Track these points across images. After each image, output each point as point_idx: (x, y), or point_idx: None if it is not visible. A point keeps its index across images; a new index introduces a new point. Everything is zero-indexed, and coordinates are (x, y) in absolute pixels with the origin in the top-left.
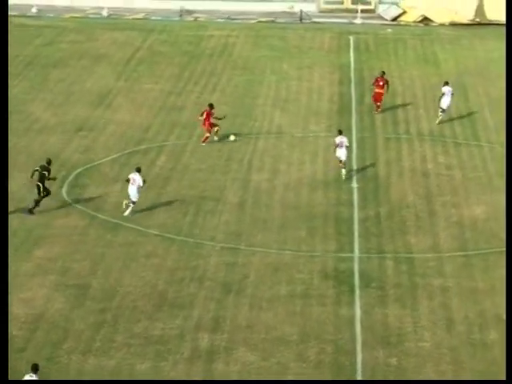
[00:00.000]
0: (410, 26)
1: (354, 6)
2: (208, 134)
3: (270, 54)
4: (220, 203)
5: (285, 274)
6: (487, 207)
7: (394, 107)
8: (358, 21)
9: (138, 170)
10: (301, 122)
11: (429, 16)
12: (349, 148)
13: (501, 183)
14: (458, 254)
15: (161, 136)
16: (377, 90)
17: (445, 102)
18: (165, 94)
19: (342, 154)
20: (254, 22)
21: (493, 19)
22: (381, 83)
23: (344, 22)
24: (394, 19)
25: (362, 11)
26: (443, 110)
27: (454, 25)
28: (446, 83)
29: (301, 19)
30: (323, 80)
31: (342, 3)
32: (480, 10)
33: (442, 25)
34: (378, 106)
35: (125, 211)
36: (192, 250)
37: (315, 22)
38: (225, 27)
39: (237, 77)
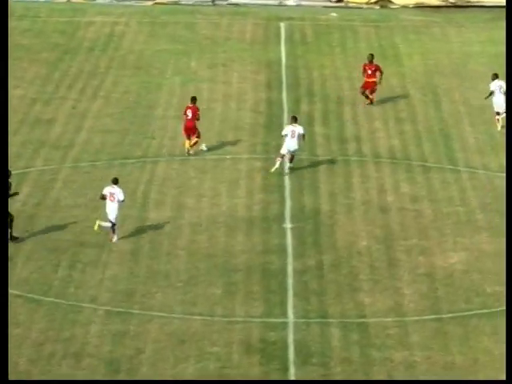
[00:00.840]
0: (361, 8)
1: None
2: (197, 139)
3: (172, 47)
4: (105, 251)
5: (193, 347)
6: (467, 254)
7: (342, 119)
8: (292, 1)
9: (115, 182)
10: (215, 140)
11: None
12: (304, 138)
13: (485, 220)
14: (428, 317)
15: (22, 160)
16: (366, 80)
17: (498, 103)
18: (27, 102)
19: (292, 145)
20: (150, 3)
21: (472, 0)
22: (369, 71)
23: (272, 3)
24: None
25: None
26: (498, 113)
27: (420, 7)
28: (496, 76)
29: (213, 0)
30: (245, 82)
31: None
32: None
33: (405, 7)
34: (369, 98)
35: (112, 238)
36: (66, 316)
37: (234, 4)
38: (110, 11)
39: (126, 78)
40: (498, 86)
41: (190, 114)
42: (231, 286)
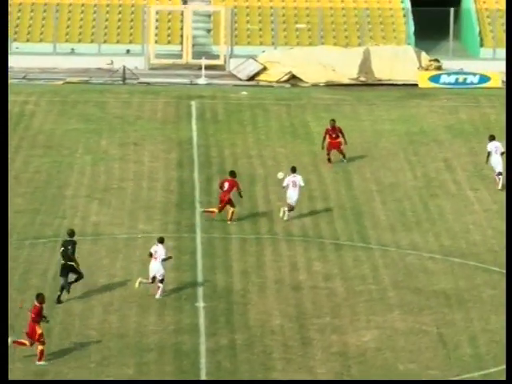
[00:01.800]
0: (272, 87)
1: (196, 61)
2: (233, 209)
3: (82, 126)
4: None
5: None
6: (380, 332)
7: (253, 197)
8: (203, 81)
9: (161, 241)
10: (126, 220)
11: (297, 74)
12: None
13: (397, 298)
14: None
15: None
16: (331, 141)
17: (496, 163)
18: None
19: (293, 195)
20: (60, 83)
21: (383, 78)
22: (333, 135)
23: (184, 82)
24: (251, 78)
25: (208, 68)
26: (500, 173)
27: (331, 85)
28: (492, 137)
29: (124, 79)
30: (156, 161)
31: (181, 57)
32: (366, 65)
33: (316, 85)
34: (341, 154)
35: (157, 293)
36: None
37: (144, 83)
38: (20, 90)
39: (37, 158)
40: (495, 146)
41: (226, 186)
42: (143, 366)
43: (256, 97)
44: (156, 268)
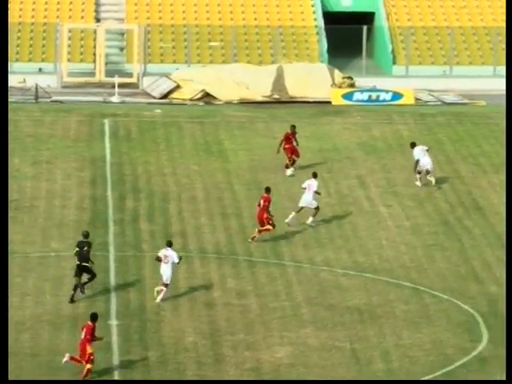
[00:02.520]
0: (186, 105)
1: (109, 79)
2: (269, 227)
3: None
4: None
5: None
6: (293, 348)
7: (167, 215)
8: (116, 99)
9: (170, 245)
10: (38, 238)
11: (211, 92)
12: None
13: (310, 314)
14: None
15: None
16: (288, 146)
17: (426, 163)
18: None
19: (307, 198)
20: None
21: (297, 95)
22: (291, 140)
23: (97, 100)
24: (165, 96)
25: (121, 86)
26: (428, 171)
27: (244, 103)
28: (413, 144)
29: (36, 97)
30: (69, 179)
31: (93, 75)
32: (279, 83)
33: (229, 103)
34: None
35: (157, 297)
36: None
37: (57, 102)
38: None
39: None
40: (420, 150)
41: (262, 202)
42: None
43: (169, 115)
44: (167, 272)
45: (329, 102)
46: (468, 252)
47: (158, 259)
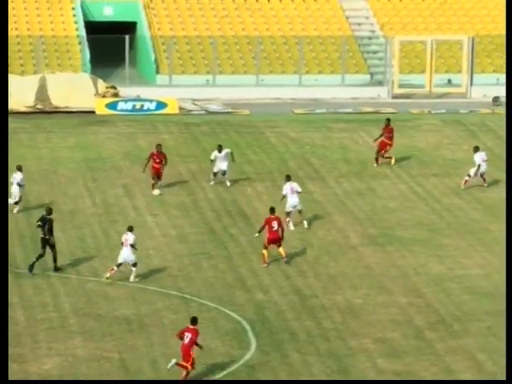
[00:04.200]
0: None
1: None
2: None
3: None
4: None
5: None
6: (62, 359)
7: None
8: None
9: (130, 230)
10: None
11: None
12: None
13: (78, 325)
14: None
15: None
16: (154, 165)
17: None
18: None
19: (295, 201)
20: None
21: (60, 105)
22: (157, 160)
23: None
24: None
25: None
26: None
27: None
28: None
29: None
30: None
31: None
32: (42, 93)
33: None
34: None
35: (131, 277)
36: None
37: None
38: None
39: None
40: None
41: (275, 225)
42: None
43: None
44: (126, 254)
45: (93, 112)
46: (234, 260)
47: (122, 243)
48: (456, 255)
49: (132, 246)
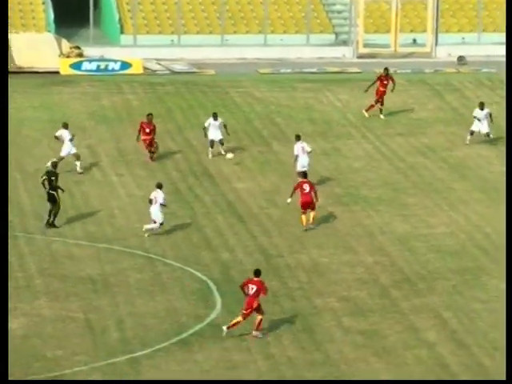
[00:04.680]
0: None
1: None
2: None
3: None
4: None
5: None
6: (27, 319)
7: None
8: None
9: (159, 187)
10: None
11: None
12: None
13: (43, 285)
14: None
15: None
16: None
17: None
18: None
19: (306, 160)
20: None
21: (24, 66)
22: (147, 130)
23: None
24: None
25: None
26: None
27: None
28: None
29: None
30: None
31: None
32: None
33: None
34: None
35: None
36: None
37: None
38: None
39: None
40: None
41: (307, 188)
42: None
43: None
44: (153, 212)
45: (57, 72)
46: (200, 220)
47: (150, 201)
48: (421, 214)
49: (162, 204)
